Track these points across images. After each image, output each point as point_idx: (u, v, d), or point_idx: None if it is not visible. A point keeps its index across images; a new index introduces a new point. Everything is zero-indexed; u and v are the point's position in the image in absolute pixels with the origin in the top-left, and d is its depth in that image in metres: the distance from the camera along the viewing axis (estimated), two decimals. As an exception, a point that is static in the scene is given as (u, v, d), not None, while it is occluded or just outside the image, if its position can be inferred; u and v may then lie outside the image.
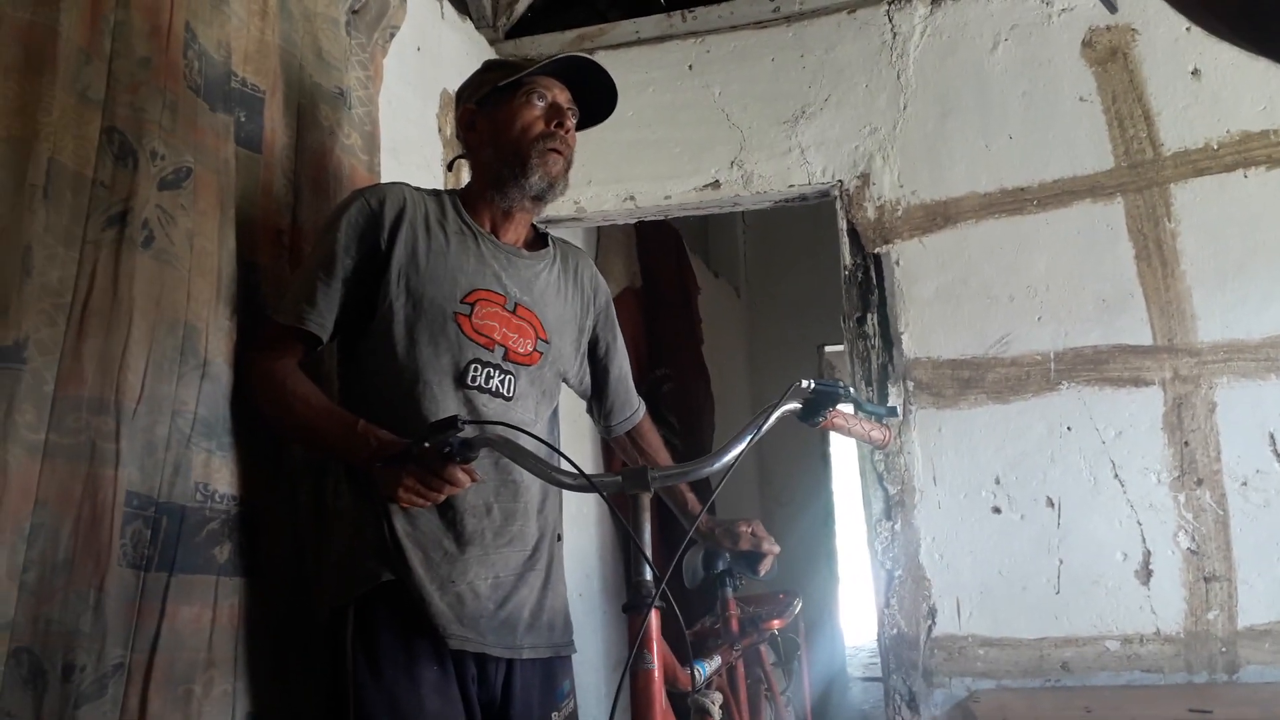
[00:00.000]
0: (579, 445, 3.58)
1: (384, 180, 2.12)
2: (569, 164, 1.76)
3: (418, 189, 1.75)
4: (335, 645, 1.56)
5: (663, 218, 3.28)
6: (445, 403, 1.60)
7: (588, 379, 1.96)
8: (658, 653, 1.31)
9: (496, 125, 1.75)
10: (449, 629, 1.54)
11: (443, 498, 1.46)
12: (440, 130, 2.68)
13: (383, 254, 1.64)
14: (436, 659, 1.54)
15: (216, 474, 1.54)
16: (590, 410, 2.04)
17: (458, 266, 1.68)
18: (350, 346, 1.69)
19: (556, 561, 1.76)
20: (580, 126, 1.83)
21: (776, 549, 1.95)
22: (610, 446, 2.35)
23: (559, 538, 1.79)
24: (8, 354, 1.26)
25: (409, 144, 2.48)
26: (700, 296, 5.13)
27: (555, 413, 1.90)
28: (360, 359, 1.67)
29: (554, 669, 1.70)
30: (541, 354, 1.74)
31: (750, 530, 1.94)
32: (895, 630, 2.68)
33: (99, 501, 1.34)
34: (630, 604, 1.31)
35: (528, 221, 1.82)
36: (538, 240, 1.87)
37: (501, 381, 1.67)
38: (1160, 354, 2.60)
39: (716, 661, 2.03)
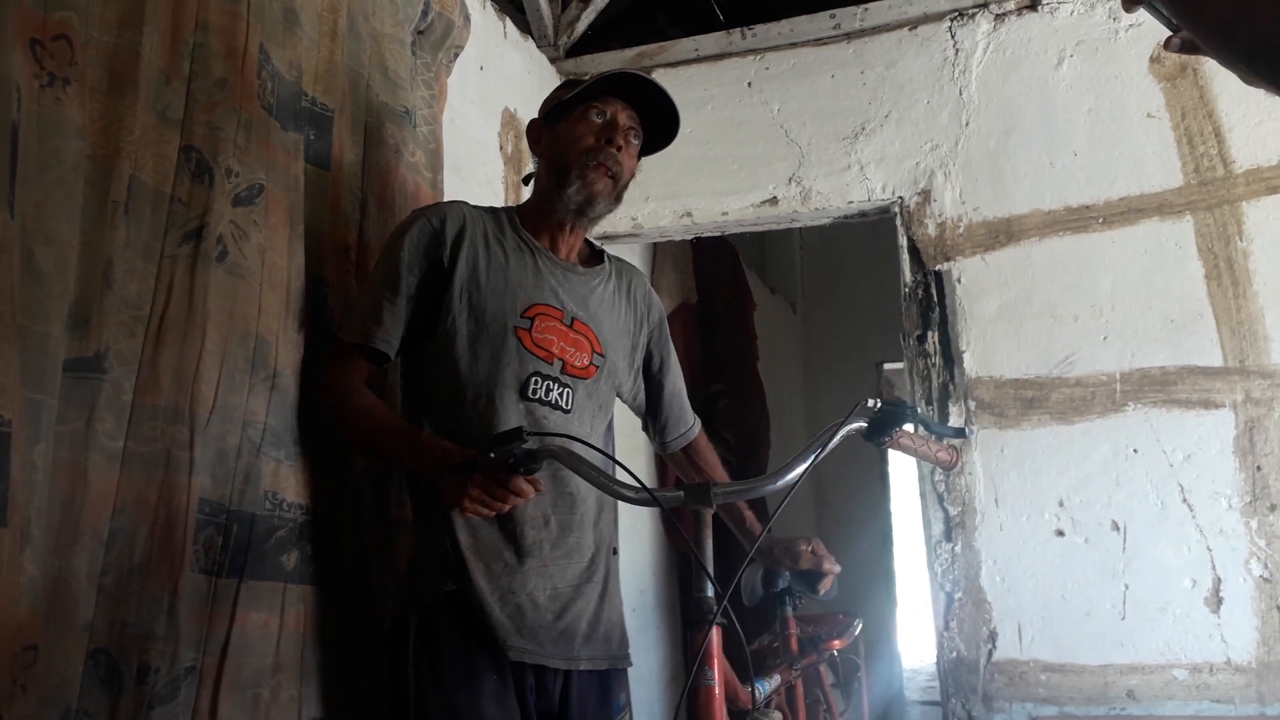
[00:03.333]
0: (633, 461, 3.56)
1: (446, 197, 2.15)
2: (617, 182, 1.73)
3: (475, 206, 1.78)
4: (397, 652, 1.58)
5: (720, 234, 3.28)
6: (507, 415, 1.62)
7: (642, 394, 1.96)
8: (719, 669, 1.31)
9: (554, 138, 1.77)
10: (509, 640, 1.56)
11: (507, 508, 1.47)
12: (502, 148, 2.72)
13: (445, 271, 1.66)
14: (496, 668, 1.56)
15: (285, 483, 1.58)
16: (645, 427, 2.04)
17: (517, 282, 1.70)
18: (413, 360, 1.72)
19: (613, 574, 1.76)
20: (647, 151, 1.83)
21: (837, 568, 1.92)
22: (665, 463, 2.35)
23: (614, 551, 1.80)
24: (89, 364, 1.31)
25: (471, 161, 2.52)
26: (756, 313, 5.11)
27: (610, 426, 1.91)
28: (423, 372, 1.70)
29: (610, 681, 1.70)
30: (598, 368, 1.75)
31: (811, 549, 1.92)
32: (955, 653, 2.64)
33: (174, 508, 1.38)
34: (692, 619, 1.31)
35: (581, 237, 1.84)
36: (593, 257, 1.89)
37: (560, 394, 1.68)
38: (1231, 376, 2.54)
39: (776, 680, 2.02)
